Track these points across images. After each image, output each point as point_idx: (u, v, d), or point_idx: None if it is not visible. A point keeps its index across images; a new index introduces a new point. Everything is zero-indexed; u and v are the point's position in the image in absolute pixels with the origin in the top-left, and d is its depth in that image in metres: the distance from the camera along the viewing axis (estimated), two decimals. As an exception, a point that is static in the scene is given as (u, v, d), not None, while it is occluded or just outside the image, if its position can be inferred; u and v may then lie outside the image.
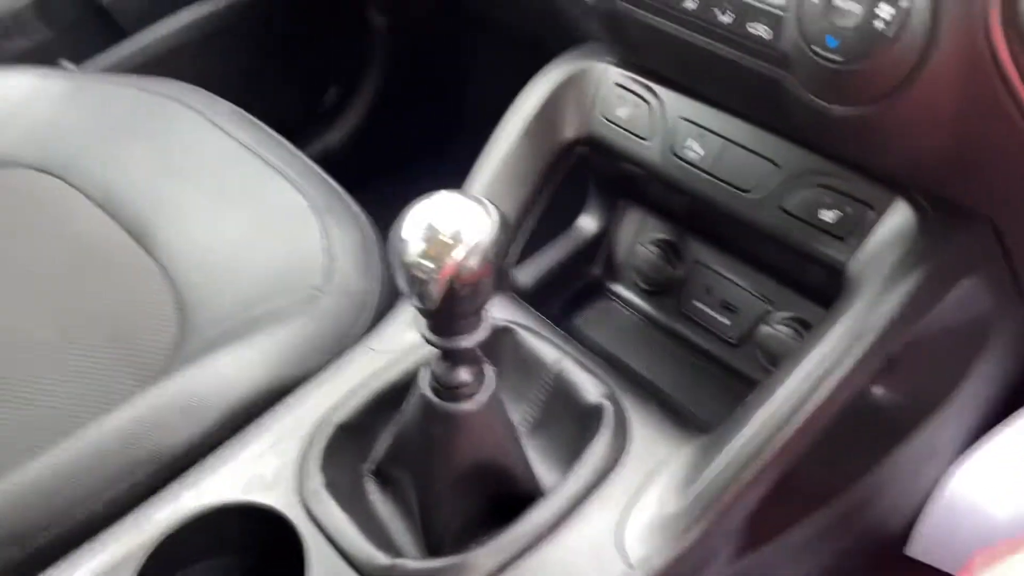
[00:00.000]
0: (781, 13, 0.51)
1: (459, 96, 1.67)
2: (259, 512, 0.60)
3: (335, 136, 1.62)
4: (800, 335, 0.75)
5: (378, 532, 0.60)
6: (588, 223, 0.89)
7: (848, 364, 0.56)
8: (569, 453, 0.64)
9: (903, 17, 0.45)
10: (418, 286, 0.48)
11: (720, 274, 0.81)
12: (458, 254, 0.47)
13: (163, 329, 0.78)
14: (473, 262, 0.47)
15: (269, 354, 0.71)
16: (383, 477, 0.65)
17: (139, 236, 0.86)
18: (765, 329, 0.77)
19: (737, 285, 0.80)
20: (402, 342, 0.71)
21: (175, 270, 0.82)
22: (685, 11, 0.56)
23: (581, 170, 0.82)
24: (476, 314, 0.50)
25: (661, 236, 0.85)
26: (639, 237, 0.87)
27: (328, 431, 0.63)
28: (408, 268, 0.48)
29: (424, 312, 0.50)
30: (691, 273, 0.83)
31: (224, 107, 1.00)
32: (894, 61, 0.47)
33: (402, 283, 0.49)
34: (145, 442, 0.66)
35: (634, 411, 0.64)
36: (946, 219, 0.58)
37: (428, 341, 0.52)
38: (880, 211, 0.60)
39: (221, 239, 0.84)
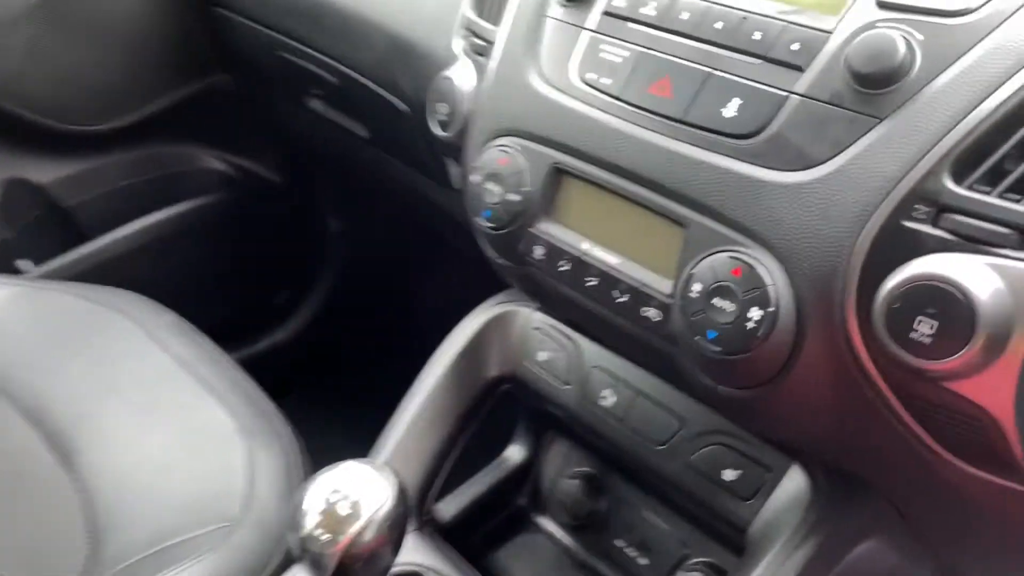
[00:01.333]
0: (669, 301, 0.55)
1: (408, 307, 1.72)
2: None
3: (284, 334, 1.66)
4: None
5: None
6: (515, 453, 0.90)
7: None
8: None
9: (772, 318, 0.50)
10: (312, 557, 0.48)
11: (639, 513, 0.82)
12: (352, 529, 0.48)
13: (71, 559, 0.76)
14: (368, 536, 0.48)
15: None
16: None
17: (64, 454, 0.85)
18: (686, 570, 0.77)
19: (654, 527, 0.81)
20: None
21: (94, 493, 0.81)
22: (588, 288, 0.60)
23: (508, 402, 0.84)
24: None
25: (584, 469, 0.87)
26: (564, 469, 0.88)
27: None
28: (303, 541, 0.48)
29: None
30: (613, 509, 0.84)
31: (166, 318, 1.02)
32: (767, 355, 0.51)
33: (296, 552, 0.49)
34: None
35: None
36: (840, 486, 0.61)
37: None
38: (778, 475, 0.63)
39: (144, 461, 0.84)
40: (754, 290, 0.50)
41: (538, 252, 0.63)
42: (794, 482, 0.62)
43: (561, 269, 0.61)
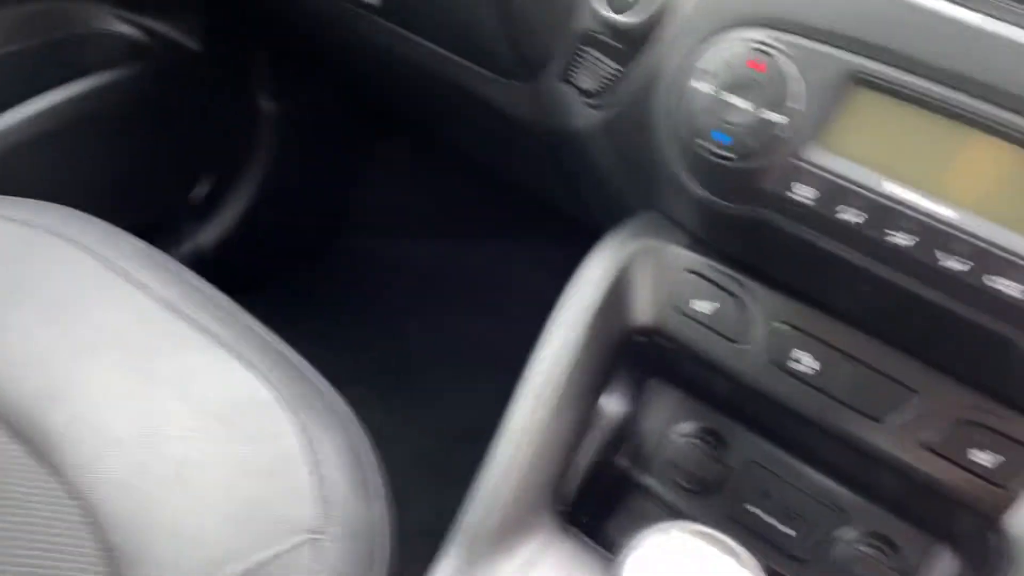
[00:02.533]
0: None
1: (346, 196, 1.49)
2: None
3: (208, 236, 1.39)
4: (885, 556, 0.66)
5: None
6: (613, 406, 0.75)
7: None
8: None
9: None
10: None
11: (777, 475, 0.71)
12: None
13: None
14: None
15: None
16: None
17: (39, 449, 0.62)
18: (843, 548, 0.67)
19: (800, 490, 0.70)
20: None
21: (96, 505, 0.60)
22: (893, 248, 0.45)
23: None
24: None
25: (701, 423, 0.74)
26: (673, 424, 0.75)
27: None
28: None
29: None
30: (741, 471, 0.72)
31: (125, 242, 0.77)
32: None
33: None
34: None
35: None
36: None
37: None
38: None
39: (155, 454, 0.63)
40: None
41: (805, 193, 0.46)
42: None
43: (843, 218, 0.45)
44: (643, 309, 0.63)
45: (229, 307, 0.74)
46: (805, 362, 0.58)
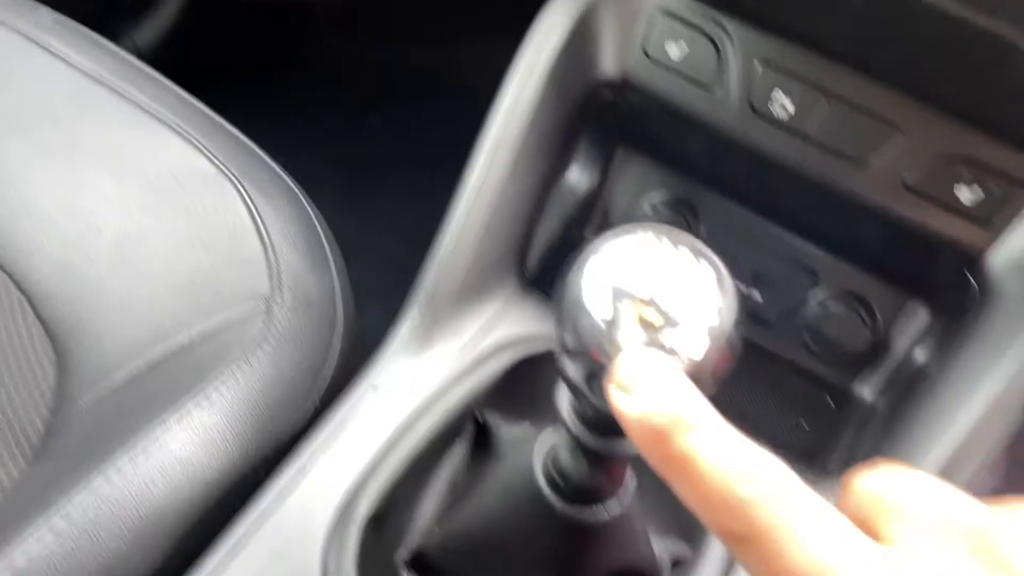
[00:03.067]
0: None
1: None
2: None
3: (147, 34, 1.29)
4: (858, 314, 0.65)
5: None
6: (579, 177, 0.72)
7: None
8: (662, 502, 0.51)
9: None
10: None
11: (746, 239, 0.68)
12: (688, 350, 0.29)
13: (37, 378, 0.53)
14: (711, 359, 0.30)
15: (230, 415, 0.49)
16: (427, 569, 0.48)
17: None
18: (814, 308, 0.66)
19: (769, 252, 0.68)
20: (409, 372, 0.53)
21: (30, 281, 0.56)
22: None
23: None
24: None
25: (671, 192, 0.70)
26: (642, 195, 0.71)
27: (356, 531, 0.45)
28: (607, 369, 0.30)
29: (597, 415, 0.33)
30: (711, 237, 0.69)
31: (45, 16, 0.69)
32: None
33: (578, 378, 0.31)
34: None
35: None
36: None
37: (579, 440, 0.35)
38: (1036, 192, 0.50)
39: (93, 229, 0.58)
40: None
41: None
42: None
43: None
44: (609, 57, 0.58)
45: (162, 81, 0.68)
46: (784, 104, 0.54)
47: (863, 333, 0.65)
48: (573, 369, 0.31)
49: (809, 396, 0.67)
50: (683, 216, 0.70)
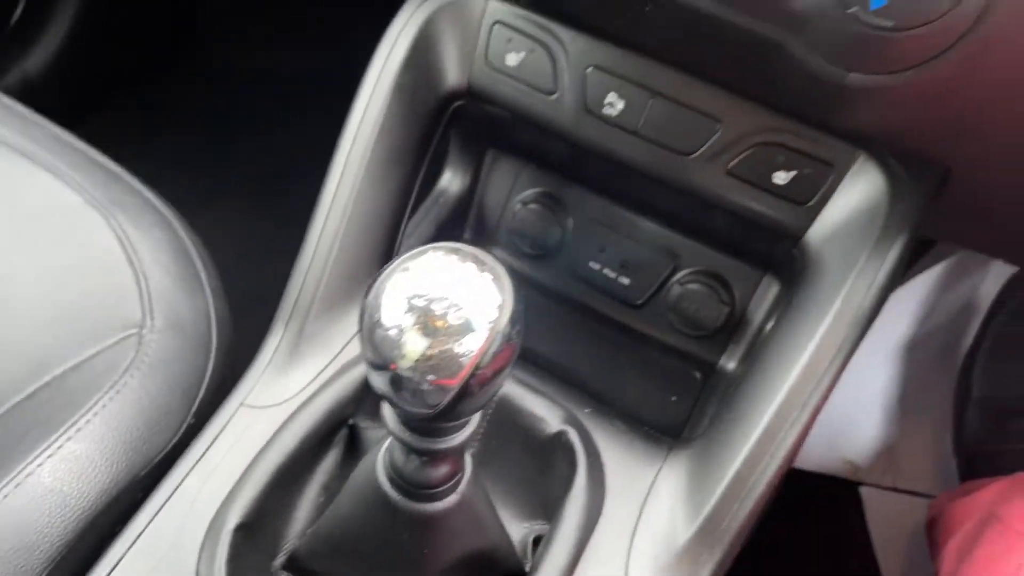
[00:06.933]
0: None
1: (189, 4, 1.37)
2: None
3: (34, 62, 1.27)
4: (715, 292, 0.69)
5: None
6: (451, 180, 0.75)
7: (847, 348, 0.51)
8: (527, 490, 0.54)
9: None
10: (415, 393, 0.34)
11: (612, 229, 0.72)
12: (470, 348, 0.33)
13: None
14: (491, 354, 0.33)
15: (101, 442, 0.51)
16: (301, 572, 0.50)
17: None
18: (676, 289, 0.70)
19: (634, 240, 0.71)
20: (282, 390, 0.55)
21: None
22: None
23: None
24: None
25: (540, 189, 0.74)
26: (514, 192, 0.75)
27: (225, 538, 0.47)
28: (403, 375, 0.33)
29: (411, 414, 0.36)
30: (579, 229, 0.73)
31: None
32: (944, 28, 0.39)
33: (384, 387, 0.34)
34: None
35: (595, 431, 0.55)
36: (911, 174, 0.53)
37: (403, 442, 0.38)
38: (842, 171, 0.54)
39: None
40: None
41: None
42: (864, 176, 0.54)
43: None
44: (454, 67, 0.61)
45: (31, 116, 0.69)
46: (614, 104, 0.58)
47: (721, 309, 0.69)
48: (378, 379, 0.35)
49: (679, 372, 0.71)
50: (551, 211, 0.73)
